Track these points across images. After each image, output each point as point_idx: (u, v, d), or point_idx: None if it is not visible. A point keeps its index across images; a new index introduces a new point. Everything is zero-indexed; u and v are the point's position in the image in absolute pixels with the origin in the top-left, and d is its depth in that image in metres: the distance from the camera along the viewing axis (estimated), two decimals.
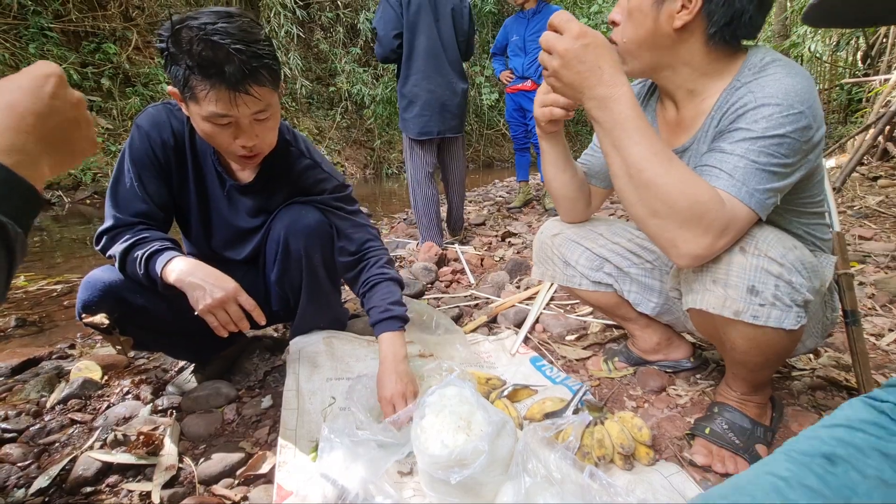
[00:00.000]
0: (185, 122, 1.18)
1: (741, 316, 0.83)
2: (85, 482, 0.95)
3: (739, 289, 0.82)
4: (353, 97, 8.83)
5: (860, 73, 7.10)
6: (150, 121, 1.14)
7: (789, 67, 0.83)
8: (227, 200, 1.25)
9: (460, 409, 0.88)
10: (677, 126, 1.02)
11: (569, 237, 1.26)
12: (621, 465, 0.94)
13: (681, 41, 0.90)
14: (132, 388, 1.33)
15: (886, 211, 3.16)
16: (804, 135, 0.80)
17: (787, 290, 0.81)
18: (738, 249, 0.83)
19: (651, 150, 0.77)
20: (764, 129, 0.79)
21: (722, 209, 0.77)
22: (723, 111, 0.88)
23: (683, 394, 1.21)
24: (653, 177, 0.77)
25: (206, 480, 0.96)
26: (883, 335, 1.50)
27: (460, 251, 2.71)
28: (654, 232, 0.82)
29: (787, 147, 0.79)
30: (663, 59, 0.93)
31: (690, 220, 0.77)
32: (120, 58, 6.41)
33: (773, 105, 0.79)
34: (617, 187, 0.84)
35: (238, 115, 0.98)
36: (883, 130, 4.21)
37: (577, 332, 1.61)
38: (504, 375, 1.30)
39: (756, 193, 0.80)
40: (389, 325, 1.18)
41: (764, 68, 0.85)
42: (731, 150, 0.82)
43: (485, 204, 4.84)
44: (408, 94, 2.68)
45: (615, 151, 0.80)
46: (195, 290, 1.03)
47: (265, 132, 1.06)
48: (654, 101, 1.11)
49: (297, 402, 1.12)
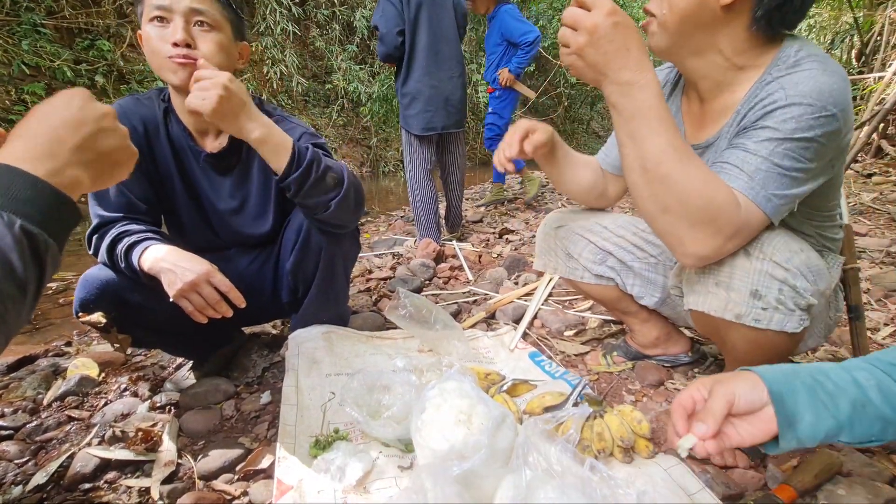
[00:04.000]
0: (157, 106, 1.18)
1: (742, 319, 0.82)
2: (83, 479, 0.94)
3: (742, 292, 0.81)
4: (349, 95, 8.79)
5: (854, 71, 7.13)
6: (119, 111, 1.14)
7: (826, 64, 0.77)
8: (208, 181, 1.24)
9: (460, 404, 0.88)
10: (702, 119, 0.97)
11: (573, 229, 1.25)
12: (621, 458, 0.95)
13: (724, 21, 0.83)
14: (130, 386, 1.33)
15: (880, 207, 3.18)
16: (832, 139, 0.76)
17: (791, 295, 0.80)
18: (743, 253, 0.81)
19: (671, 143, 0.73)
20: (792, 131, 0.75)
21: (736, 212, 0.75)
22: (750, 105, 0.83)
23: (682, 387, 1.22)
24: (670, 172, 0.73)
25: (205, 476, 0.95)
26: (879, 329, 1.51)
27: (458, 248, 2.71)
28: (664, 229, 0.79)
29: (813, 151, 0.76)
30: (699, 40, 0.86)
31: (703, 221, 0.75)
32: (114, 55, 6.36)
33: (804, 105, 0.74)
34: (629, 181, 0.81)
35: (174, 8, 1.01)
36: (877, 128, 4.25)
37: (576, 328, 1.62)
38: (503, 370, 1.30)
39: (774, 199, 0.77)
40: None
41: (798, 63, 0.79)
42: (754, 150, 0.78)
43: (482, 202, 4.83)
44: (411, 90, 2.66)
45: (632, 142, 0.77)
46: (166, 275, 1.02)
47: (204, 42, 1.06)
48: (679, 94, 1.05)
49: (297, 398, 1.12)
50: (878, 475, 0.87)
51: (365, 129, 9.34)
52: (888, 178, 4.04)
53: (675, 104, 1.06)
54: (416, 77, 2.64)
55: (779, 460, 0.96)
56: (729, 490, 0.87)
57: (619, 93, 0.75)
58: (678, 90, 1.06)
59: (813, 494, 0.85)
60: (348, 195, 1.12)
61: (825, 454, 0.91)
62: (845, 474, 0.89)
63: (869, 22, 6.28)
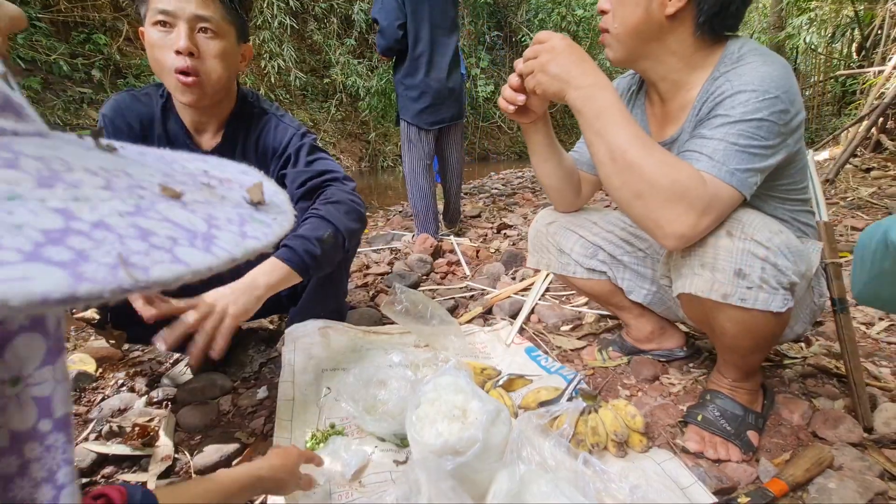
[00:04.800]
0: (155, 102, 1.17)
1: (729, 299, 0.85)
2: (80, 473, 0.95)
3: (727, 272, 0.84)
4: (347, 89, 8.76)
5: (855, 65, 7.10)
6: (114, 107, 1.14)
7: (765, 56, 0.86)
8: None
9: (455, 399, 0.88)
10: (664, 119, 1.04)
11: (563, 225, 1.27)
12: (615, 453, 0.95)
13: (670, 30, 0.92)
14: (127, 381, 1.33)
15: (878, 202, 3.18)
16: (781, 118, 0.82)
17: (774, 273, 0.82)
18: (725, 233, 0.84)
19: (633, 133, 0.82)
20: (742, 114, 0.82)
21: (703, 187, 0.80)
22: (703, 100, 0.91)
23: (676, 382, 1.23)
24: (635, 158, 0.80)
25: (202, 470, 0.96)
26: (874, 324, 1.52)
27: (456, 243, 2.71)
28: (640, 214, 0.84)
29: (765, 130, 0.82)
30: (651, 48, 0.95)
31: (672, 199, 0.79)
32: (111, 49, 6.32)
33: (749, 91, 0.82)
34: (602, 175, 0.87)
35: (179, 14, 1.00)
36: (876, 122, 4.24)
37: (572, 323, 1.62)
38: (499, 366, 1.31)
39: (737, 173, 0.82)
40: (278, 252, 1.06)
41: (741, 58, 0.88)
42: (710, 135, 0.84)
43: (480, 196, 4.83)
44: (419, 85, 2.63)
45: (599, 138, 0.84)
46: None
47: (208, 50, 1.05)
48: (643, 97, 1.12)
49: (293, 393, 1.12)
50: (868, 469, 0.88)
51: (363, 124, 9.31)
52: (886, 172, 4.03)
53: (639, 108, 1.12)
54: (423, 70, 2.62)
55: (771, 454, 0.97)
56: (721, 483, 0.87)
57: (583, 97, 0.85)
58: (641, 95, 1.13)
59: (804, 488, 0.86)
60: (353, 236, 1.15)
61: (817, 448, 0.92)
62: (836, 468, 0.90)
63: (869, 15, 6.26)
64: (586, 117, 0.85)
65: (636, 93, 1.14)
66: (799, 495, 0.85)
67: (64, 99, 5.77)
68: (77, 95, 5.96)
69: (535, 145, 1.12)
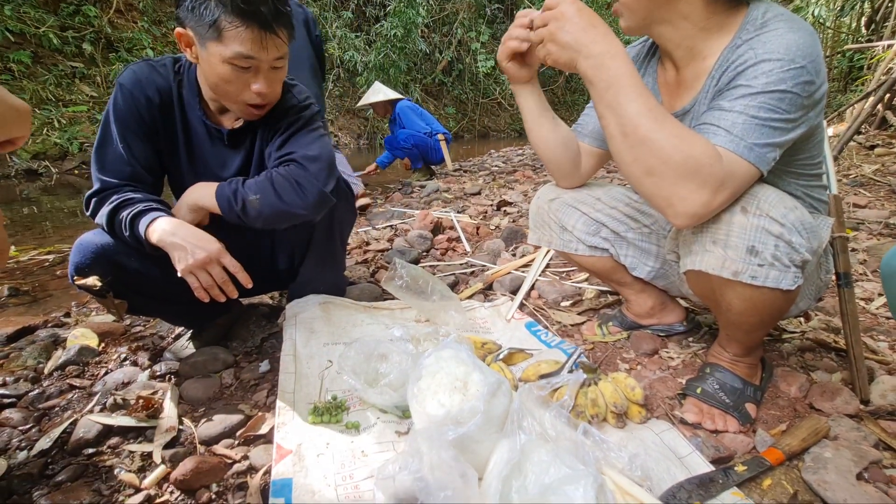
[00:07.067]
0: (172, 77, 1.15)
1: (740, 276, 0.83)
2: (86, 444, 0.96)
3: (739, 249, 0.82)
4: (345, 64, 8.58)
5: (863, 40, 6.94)
6: (133, 79, 1.11)
7: (792, 22, 0.81)
8: (217, 155, 1.22)
9: (456, 371, 0.89)
10: (678, 87, 1.00)
11: (566, 202, 1.25)
12: (614, 424, 0.97)
13: None
14: (129, 355, 1.34)
15: (882, 179, 3.16)
16: (806, 90, 0.78)
17: (787, 251, 0.81)
18: (740, 209, 0.82)
19: (646, 106, 0.77)
20: (764, 85, 0.78)
21: (718, 163, 0.76)
22: (723, 69, 0.86)
23: (675, 356, 1.23)
24: (647, 132, 0.77)
25: (206, 441, 0.97)
26: (873, 299, 1.53)
27: (455, 219, 2.69)
28: (651, 191, 0.81)
29: (788, 102, 0.78)
30: (662, 12, 0.90)
31: (685, 176, 0.76)
32: (101, 21, 6.15)
33: (774, 60, 0.78)
34: (613, 150, 0.84)
35: (262, 59, 1.02)
36: (882, 98, 4.17)
37: (573, 298, 1.63)
38: (500, 340, 1.31)
39: (756, 148, 0.78)
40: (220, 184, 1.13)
41: (766, 24, 0.83)
42: (729, 107, 0.80)
43: (481, 174, 4.79)
44: None
45: (610, 111, 0.80)
46: (177, 250, 1.02)
47: (276, 82, 1.09)
48: (655, 64, 1.08)
49: (295, 366, 1.13)
50: (864, 439, 0.89)
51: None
52: (891, 149, 3.99)
53: (651, 76, 1.08)
54: None
55: (768, 425, 0.98)
56: (718, 453, 0.89)
57: (593, 66, 0.80)
58: (653, 62, 1.08)
59: (800, 457, 0.87)
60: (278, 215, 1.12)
61: (814, 419, 0.93)
62: (832, 438, 0.91)
63: None
64: (597, 88, 0.81)
65: (648, 59, 1.10)
66: (795, 464, 0.87)
67: (56, 73, 5.65)
68: (69, 70, 5.83)
69: (528, 112, 1.11)
